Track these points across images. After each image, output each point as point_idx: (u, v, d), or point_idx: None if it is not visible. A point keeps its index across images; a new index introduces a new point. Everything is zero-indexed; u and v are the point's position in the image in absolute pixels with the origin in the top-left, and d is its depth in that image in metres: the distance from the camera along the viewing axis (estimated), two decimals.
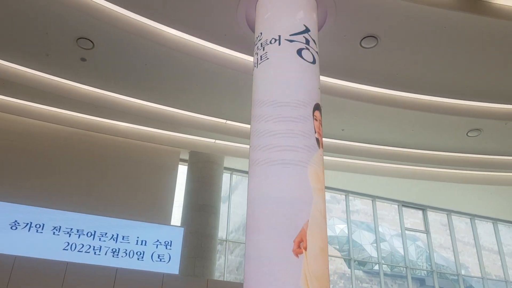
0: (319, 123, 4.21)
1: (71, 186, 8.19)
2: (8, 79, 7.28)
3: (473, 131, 8.56)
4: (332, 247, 11.31)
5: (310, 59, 4.60)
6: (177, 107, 8.36)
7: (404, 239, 11.84)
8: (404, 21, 6.05)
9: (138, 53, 6.84)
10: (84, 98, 7.82)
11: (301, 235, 3.45)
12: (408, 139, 8.95)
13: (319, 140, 4.09)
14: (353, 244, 11.43)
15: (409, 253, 11.92)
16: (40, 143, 8.36)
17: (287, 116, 4.07)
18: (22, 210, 7.13)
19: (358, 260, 11.37)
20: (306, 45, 4.67)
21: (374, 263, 11.41)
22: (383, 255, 11.68)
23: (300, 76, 4.42)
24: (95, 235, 7.30)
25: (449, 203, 12.42)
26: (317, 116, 4.22)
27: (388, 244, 11.98)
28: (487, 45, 6.41)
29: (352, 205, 12.00)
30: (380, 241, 11.78)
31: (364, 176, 10.76)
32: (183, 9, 6.01)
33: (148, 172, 8.94)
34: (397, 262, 11.73)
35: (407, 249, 11.75)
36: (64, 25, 6.32)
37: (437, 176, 10.47)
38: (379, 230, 11.87)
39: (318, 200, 3.77)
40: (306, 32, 4.77)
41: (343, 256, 11.27)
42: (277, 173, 3.82)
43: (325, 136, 8.98)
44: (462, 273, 12.14)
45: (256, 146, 4.09)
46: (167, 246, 7.55)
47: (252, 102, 4.48)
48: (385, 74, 7.20)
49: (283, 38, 4.66)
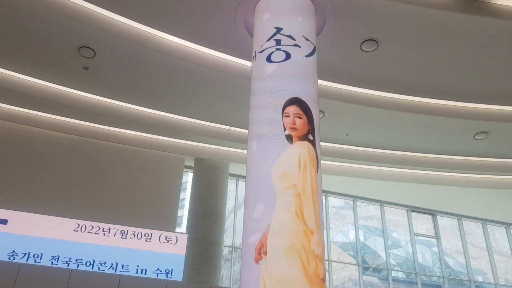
0: (292, 117, 4.31)
1: (76, 194, 8.24)
2: (14, 88, 7.39)
3: (480, 134, 8.42)
4: (346, 254, 11.18)
5: (280, 58, 4.71)
6: (180, 114, 8.38)
7: (413, 244, 11.66)
8: (404, 24, 6.00)
9: (139, 60, 6.90)
10: (88, 106, 7.89)
11: (261, 241, 3.58)
12: (414, 143, 8.84)
13: (291, 135, 4.22)
14: (367, 250, 11.30)
15: (425, 259, 11.73)
16: (45, 151, 8.44)
17: (262, 119, 4.43)
18: (20, 240, 7.12)
19: (373, 266, 11.22)
20: (277, 46, 4.78)
21: (390, 270, 11.24)
22: (399, 261, 11.51)
23: (266, 83, 4.66)
24: (94, 264, 7.25)
25: (460, 207, 12.21)
26: (289, 112, 4.33)
27: (404, 250, 11.78)
28: (490, 45, 6.32)
29: (366, 211, 11.88)
30: (396, 247, 11.63)
31: (372, 181, 10.66)
32: (181, 16, 6.05)
33: (153, 179, 8.96)
34: (413, 268, 11.54)
35: (416, 254, 11.55)
36: (65, 34, 6.41)
37: (446, 180, 10.32)
38: (394, 236, 11.72)
39: (286, 199, 3.77)
40: (277, 33, 4.89)
41: (355, 263, 11.12)
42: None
43: (330, 141, 9.01)
44: (479, 279, 11.91)
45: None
46: (167, 275, 7.45)
47: None
48: (387, 78, 7.13)
49: (257, 52, 4.96)
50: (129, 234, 7.52)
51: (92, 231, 7.39)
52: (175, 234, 7.78)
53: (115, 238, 7.53)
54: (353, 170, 10.01)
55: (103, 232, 7.46)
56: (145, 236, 7.54)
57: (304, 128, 4.31)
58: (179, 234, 7.85)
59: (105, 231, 7.46)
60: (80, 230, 7.35)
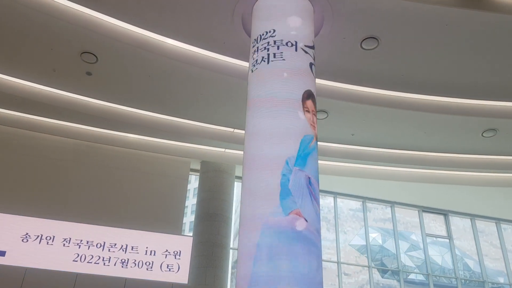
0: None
1: (82, 198, 8.32)
2: (19, 95, 7.51)
3: (489, 131, 8.26)
4: (364, 257, 11.05)
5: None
6: (184, 117, 8.42)
7: (425, 245, 11.47)
8: (404, 20, 5.92)
9: (140, 65, 6.94)
10: (93, 111, 7.98)
11: None
12: (421, 142, 8.72)
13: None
14: (385, 252, 11.16)
15: (444, 261, 11.51)
16: (51, 156, 8.56)
17: None
18: (32, 223, 7.28)
19: (392, 269, 11.07)
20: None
21: (402, 271, 11.08)
22: (418, 264, 11.33)
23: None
24: (105, 246, 7.39)
25: (473, 207, 11.98)
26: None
27: (423, 252, 11.58)
28: (493, 41, 6.20)
29: (384, 213, 11.73)
30: (415, 249, 11.46)
31: (382, 182, 10.55)
32: (179, 19, 6.07)
33: (159, 183, 9.00)
34: (432, 270, 11.35)
35: (428, 255, 11.36)
36: (67, 40, 6.49)
37: (456, 180, 10.17)
38: (413, 238, 11.57)
39: None
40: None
41: (375, 266, 11.01)
42: None
43: (335, 141, 8.94)
44: (501, 280, 11.66)
45: None
46: (176, 256, 7.56)
47: None
48: (390, 76, 7.05)
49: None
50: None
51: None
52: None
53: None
54: (360, 171, 9.92)
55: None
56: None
57: None
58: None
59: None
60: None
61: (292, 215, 3.67)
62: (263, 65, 4.62)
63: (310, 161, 3.97)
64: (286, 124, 4.13)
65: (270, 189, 3.82)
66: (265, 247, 3.60)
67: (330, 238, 10.86)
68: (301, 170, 3.89)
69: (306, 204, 3.73)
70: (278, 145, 4.01)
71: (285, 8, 5.13)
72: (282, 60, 4.55)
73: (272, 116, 4.19)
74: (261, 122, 4.23)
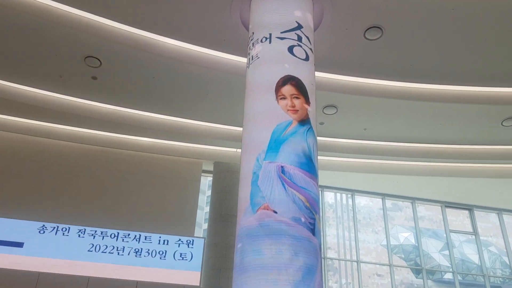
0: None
1: (94, 203, 8.38)
2: (28, 102, 7.64)
3: (509, 120, 7.89)
4: (397, 256, 10.78)
5: (302, 56, 4.55)
6: (193, 118, 8.40)
7: (449, 240, 11.07)
8: (407, 7, 5.69)
9: (144, 66, 6.94)
10: (102, 116, 8.05)
11: None
12: (436, 134, 8.41)
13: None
14: (418, 252, 10.84)
15: (483, 259, 11.08)
16: (64, 162, 8.67)
17: None
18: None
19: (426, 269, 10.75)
20: (299, 42, 4.61)
21: (444, 272, 10.74)
22: (454, 263, 10.95)
23: None
24: (118, 236, 7.50)
25: (499, 201, 11.48)
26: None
27: (458, 251, 11.19)
28: (503, 23, 5.88)
29: (418, 211, 11.41)
30: (449, 247, 11.11)
31: (401, 177, 10.26)
32: (177, 18, 6.02)
33: (171, 185, 8.99)
34: (469, 269, 10.97)
35: (452, 251, 10.94)
36: (70, 45, 6.54)
37: (478, 172, 9.83)
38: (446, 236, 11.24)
39: None
40: (299, 29, 4.72)
41: (409, 266, 10.71)
42: None
43: (347, 137, 8.73)
44: None
45: None
46: (189, 245, 7.58)
47: None
48: (398, 66, 6.81)
49: (274, 36, 4.65)
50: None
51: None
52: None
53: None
54: (376, 167, 9.67)
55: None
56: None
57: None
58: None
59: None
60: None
61: (260, 211, 3.57)
62: (251, 63, 4.64)
63: (284, 149, 3.81)
64: (259, 120, 4.14)
65: (246, 192, 3.80)
66: (239, 251, 3.60)
67: (361, 238, 10.63)
68: (272, 162, 3.75)
69: (275, 195, 3.58)
70: (252, 145, 4.03)
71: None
72: (257, 59, 4.58)
73: (248, 119, 4.32)
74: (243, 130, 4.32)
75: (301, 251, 3.41)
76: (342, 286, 10.04)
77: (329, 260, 10.20)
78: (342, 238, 10.58)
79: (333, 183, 10.72)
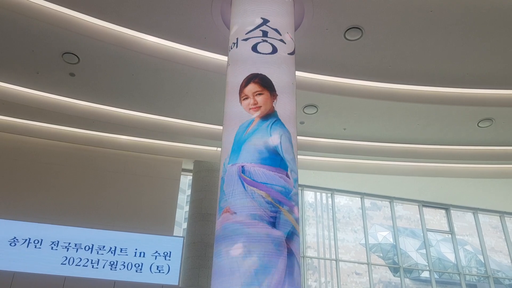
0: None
1: (72, 201, 8.25)
2: (5, 99, 7.45)
3: (484, 121, 8.05)
4: (375, 255, 10.88)
5: (267, 51, 4.53)
6: (173, 116, 8.32)
7: (426, 239, 11.26)
8: (387, 8, 5.75)
9: (122, 63, 6.85)
10: (80, 113, 7.92)
11: None
12: (414, 134, 8.52)
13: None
14: (395, 251, 10.99)
15: (459, 258, 11.28)
16: (39, 160, 8.50)
17: None
18: (20, 227, 7.22)
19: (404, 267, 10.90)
20: (264, 38, 4.58)
21: (421, 270, 10.90)
22: (431, 261, 11.12)
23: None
24: (93, 248, 7.30)
25: (475, 200, 11.73)
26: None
27: (435, 250, 11.37)
28: (481, 26, 5.99)
29: (396, 210, 11.53)
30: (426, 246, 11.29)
31: (380, 177, 10.36)
32: (157, 14, 5.95)
33: (151, 184, 8.91)
34: (445, 268, 11.15)
35: (427, 251, 11.12)
36: (48, 41, 6.41)
37: (455, 172, 9.96)
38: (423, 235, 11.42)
39: None
40: (264, 24, 4.69)
41: (387, 264, 10.83)
42: None
43: (327, 136, 8.79)
44: None
45: None
46: (166, 257, 7.45)
47: None
48: (377, 67, 6.88)
49: (240, 40, 4.66)
50: None
51: None
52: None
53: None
54: (356, 166, 9.74)
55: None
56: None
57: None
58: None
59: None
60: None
61: (223, 214, 3.61)
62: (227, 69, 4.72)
63: (245, 148, 3.80)
64: (227, 125, 4.20)
65: (219, 197, 3.89)
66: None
67: (340, 237, 10.72)
68: (234, 164, 3.77)
69: (235, 196, 3.61)
70: (223, 150, 4.06)
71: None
72: (228, 66, 4.66)
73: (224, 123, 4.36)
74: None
75: (255, 249, 3.38)
76: (321, 284, 10.11)
77: (308, 258, 10.26)
78: (322, 237, 10.66)
79: (313, 183, 10.80)
